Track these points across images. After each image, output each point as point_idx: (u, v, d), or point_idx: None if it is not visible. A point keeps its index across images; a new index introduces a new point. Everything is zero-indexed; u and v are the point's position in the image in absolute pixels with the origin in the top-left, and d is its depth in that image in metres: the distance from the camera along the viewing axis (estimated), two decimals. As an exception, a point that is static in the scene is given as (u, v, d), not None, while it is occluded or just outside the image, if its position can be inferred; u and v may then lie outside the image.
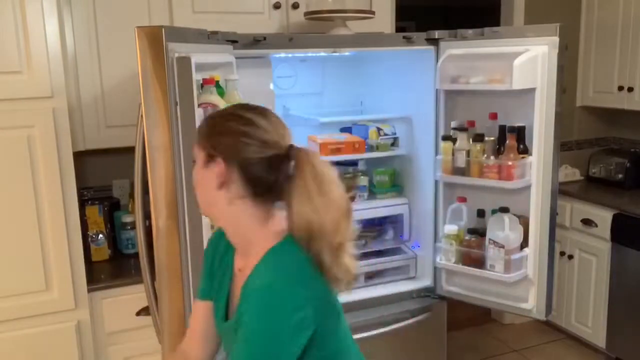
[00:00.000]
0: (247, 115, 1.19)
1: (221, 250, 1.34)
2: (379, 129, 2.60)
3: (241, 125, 1.17)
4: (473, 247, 2.34)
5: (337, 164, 2.64)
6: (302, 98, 2.83)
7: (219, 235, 1.34)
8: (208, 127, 1.22)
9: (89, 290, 2.15)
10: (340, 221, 1.14)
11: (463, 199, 2.43)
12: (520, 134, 2.27)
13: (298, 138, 2.83)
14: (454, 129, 2.40)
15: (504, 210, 2.27)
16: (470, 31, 2.35)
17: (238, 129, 1.17)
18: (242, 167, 1.15)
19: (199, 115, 1.68)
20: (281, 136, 1.19)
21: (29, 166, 1.98)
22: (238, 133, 1.16)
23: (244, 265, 1.22)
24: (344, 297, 1.26)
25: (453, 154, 2.37)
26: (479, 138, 2.32)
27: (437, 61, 2.41)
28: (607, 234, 3.27)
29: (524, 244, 2.31)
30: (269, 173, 1.16)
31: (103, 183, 2.67)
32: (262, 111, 1.22)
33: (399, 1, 2.99)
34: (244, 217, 1.19)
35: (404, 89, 2.62)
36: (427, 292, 2.58)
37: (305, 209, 1.13)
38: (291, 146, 1.19)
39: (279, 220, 1.19)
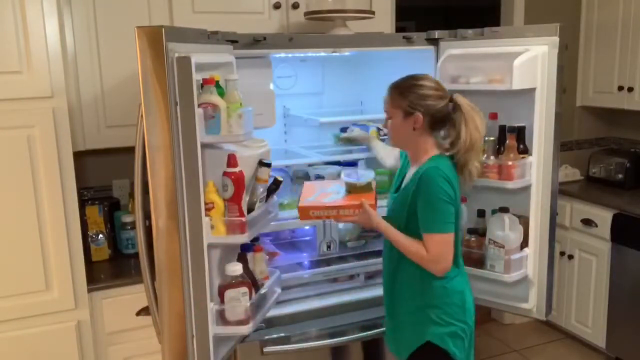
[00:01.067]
0: (425, 83, 1.89)
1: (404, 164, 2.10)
2: (379, 129, 2.60)
3: (425, 90, 1.88)
4: (473, 247, 2.34)
5: (337, 164, 2.65)
6: (302, 98, 2.84)
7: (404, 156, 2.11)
8: (403, 94, 1.89)
9: (89, 290, 2.15)
10: (482, 138, 1.93)
11: (463, 199, 2.43)
12: (520, 134, 2.26)
13: (298, 138, 2.81)
14: (454, 129, 2.40)
15: (504, 210, 2.27)
16: (470, 31, 2.35)
17: (425, 93, 1.87)
18: (430, 115, 1.87)
19: (199, 115, 1.68)
20: (444, 90, 1.91)
21: (29, 166, 1.98)
22: (425, 96, 1.87)
23: (415, 167, 1.94)
24: (345, 297, 1.28)
25: (453, 154, 2.37)
26: (479, 138, 2.32)
27: (437, 61, 2.41)
28: (607, 234, 3.28)
29: (524, 244, 2.31)
30: (442, 113, 1.89)
31: (103, 183, 2.67)
32: (428, 77, 1.93)
33: (399, 1, 2.99)
34: (423, 143, 1.92)
35: (404, 89, 2.61)
36: (427, 292, 2.58)
37: (471, 130, 1.87)
38: (451, 95, 1.91)
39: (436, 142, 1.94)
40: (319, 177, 2.59)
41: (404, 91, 1.89)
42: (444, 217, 1.84)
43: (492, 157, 2.28)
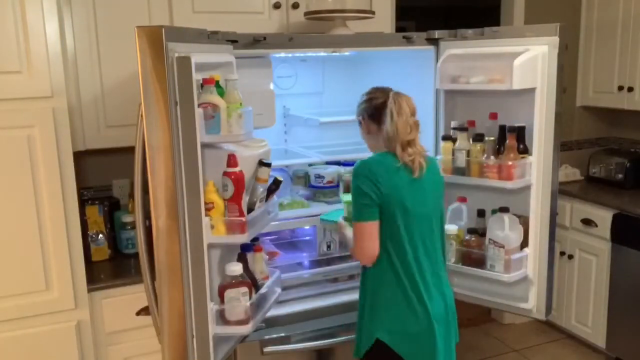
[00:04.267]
0: (366, 93, 2.04)
1: None
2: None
3: (364, 97, 2.03)
4: (473, 247, 2.34)
5: (337, 164, 2.65)
6: (302, 98, 2.83)
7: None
8: (357, 108, 2.07)
9: (89, 290, 2.15)
10: (405, 129, 1.91)
11: (463, 199, 2.43)
12: (520, 134, 2.26)
13: (298, 138, 2.81)
14: (454, 128, 2.40)
15: (504, 210, 2.27)
16: (470, 31, 2.35)
17: (363, 100, 2.03)
18: (367, 117, 2.00)
19: (199, 115, 1.68)
20: (384, 92, 1.98)
21: (29, 166, 1.98)
22: (363, 102, 2.03)
23: None
24: (345, 297, 1.28)
25: (453, 154, 2.37)
26: (479, 138, 2.32)
27: (437, 61, 2.41)
28: (607, 234, 3.27)
29: (524, 244, 2.31)
30: (376, 112, 1.97)
31: (103, 183, 2.67)
32: (375, 88, 2.03)
33: (399, 1, 2.99)
34: (376, 142, 2.00)
35: (404, 88, 2.59)
36: (427, 292, 2.58)
37: (387, 124, 1.92)
38: (389, 94, 1.97)
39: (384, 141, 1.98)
40: (319, 177, 2.59)
41: (358, 105, 2.07)
42: (359, 208, 1.90)
43: (492, 157, 2.28)
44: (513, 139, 2.24)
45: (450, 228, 2.40)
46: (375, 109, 1.96)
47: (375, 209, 1.88)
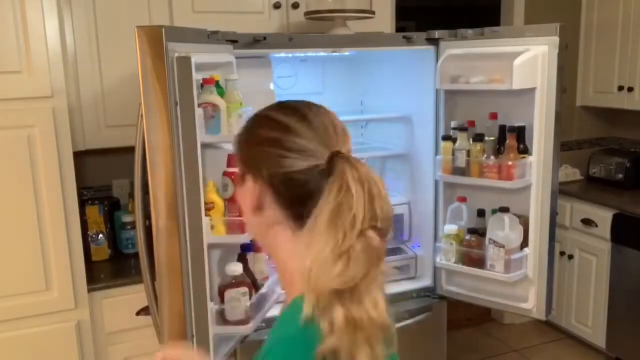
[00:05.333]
0: (278, 118, 0.96)
1: None
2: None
3: (273, 131, 0.94)
4: (473, 247, 2.34)
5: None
6: (302, 98, 2.82)
7: None
8: (240, 136, 1.01)
9: (89, 290, 2.15)
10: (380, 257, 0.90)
11: (463, 199, 2.43)
12: (520, 133, 2.26)
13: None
14: (454, 128, 2.40)
15: (504, 210, 2.27)
16: (470, 31, 2.35)
17: (267, 136, 0.94)
18: (273, 185, 0.93)
19: (199, 115, 1.68)
20: (324, 140, 0.94)
21: (29, 166, 1.98)
22: (265, 142, 0.94)
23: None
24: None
25: (453, 154, 2.37)
26: (479, 138, 2.32)
27: (437, 61, 2.41)
28: (607, 234, 3.27)
29: (524, 243, 2.31)
30: (302, 188, 0.91)
31: (103, 183, 2.67)
32: (299, 108, 0.99)
33: (399, 1, 2.99)
34: (282, 248, 0.97)
35: (404, 88, 2.62)
36: (427, 292, 2.58)
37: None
38: (333, 155, 0.91)
39: None
40: None
41: (243, 132, 1.03)
42: None
43: (492, 157, 2.28)
44: (513, 139, 2.24)
45: (450, 228, 2.41)
46: (300, 180, 0.92)
47: None
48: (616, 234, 3.24)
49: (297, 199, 0.92)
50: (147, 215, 1.84)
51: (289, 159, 0.91)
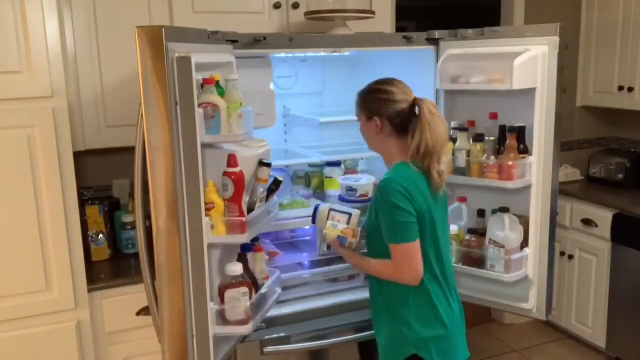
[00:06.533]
0: (383, 87, 1.91)
1: None
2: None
3: (381, 94, 1.90)
4: (473, 247, 2.34)
5: (337, 164, 2.64)
6: (302, 98, 2.83)
7: None
8: (363, 99, 1.95)
9: (89, 290, 2.15)
10: (443, 143, 1.85)
11: (463, 199, 2.43)
12: (520, 133, 2.26)
13: (298, 138, 2.81)
14: (454, 128, 2.40)
15: (504, 210, 2.27)
16: (470, 31, 2.35)
17: (381, 97, 1.90)
18: (389, 119, 1.88)
19: (199, 115, 1.68)
20: (406, 93, 1.90)
21: (29, 166, 1.98)
22: (382, 100, 1.89)
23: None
24: (344, 297, 1.28)
25: (453, 154, 2.36)
26: (479, 138, 2.32)
27: (437, 61, 2.41)
28: (607, 234, 3.28)
29: (524, 243, 2.31)
30: (403, 118, 1.87)
31: (103, 183, 2.67)
32: (390, 81, 1.93)
33: (399, 1, 2.99)
34: (389, 147, 1.93)
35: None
36: (427, 292, 2.58)
37: (426, 136, 1.82)
38: (414, 99, 1.88)
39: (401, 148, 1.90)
40: (351, 190, 2.55)
41: (365, 96, 1.95)
42: (402, 228, 1.82)
43: (492, 157, 2.28)
44: (513, 139, 2.24)
45: (451, 228, 2.40)
46: (401, 115, 1.86)
47: (416, 225, 1.83)
48: (616, 234, 3.24)
49: (401, 122, 1.88)
50: (147, 215, 1.84)
51: (396, 102, 1.88)
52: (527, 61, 2.15)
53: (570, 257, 3.53)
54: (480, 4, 5.01)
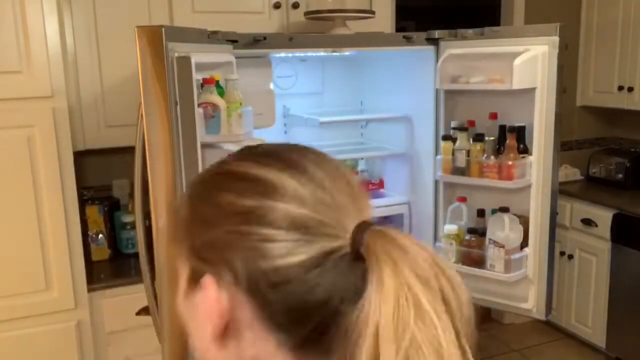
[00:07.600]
0: (253, 172, 0.59)
1: None
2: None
3: (241, 196, 0.58)
4: (473, 247, 2.34)
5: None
6: (302, 98, 2.83)
7: None
8: (187, 206, 0.64)
9: (89, 290, 2.15)
10: None
11: (463, 199, 2.43)
12: (520, 133, 2.26)
13: (298, 138, 2.80)
14: (454, 128, 2.40)
15: (504, 210, 2.27)
16: (470, 31, 2.35)
17: (237, 205, 0.58)
18: (255, 291, 0.57)
19: (199, 115, 1.68)
20: (337, 207, 0.58)
21: (29, 166, 1.98)
22: (234, 216, 0.57)
23: None
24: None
25: (453, 154, 2.37)
26: (479, 138, 2.32)
27: (437, 61, 2.40)
28: (607, 233, 3.27)
29: (524, 243, 2.31)
30: (314, 296, 0.55)
31: (103, 183, 2.67)
32: (294, 157, 0.60)
33: (399, 1, 2.99)
34: None
35: (404, 88, 2.62)
36: (427, 292, 2.58)
37: None
38: (359, 228, 0.56)
39: None
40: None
41: (195, 203, 0.61)
42: None
43: (492, 157, 2.28)
44: (513, 139, 2.24)
45: (450, 228, 2.41)
46: (305, 289, 0.55)
47: None
48: (616, 234, 3.24)
49: (301, 314, 0.56)
50: (147, 215, 1.84)
51: (279, 242, 0.55)
52: (527, 61, 2.15)
53: (570, 257, 3.53)
54: (480, 4, 5.01)
